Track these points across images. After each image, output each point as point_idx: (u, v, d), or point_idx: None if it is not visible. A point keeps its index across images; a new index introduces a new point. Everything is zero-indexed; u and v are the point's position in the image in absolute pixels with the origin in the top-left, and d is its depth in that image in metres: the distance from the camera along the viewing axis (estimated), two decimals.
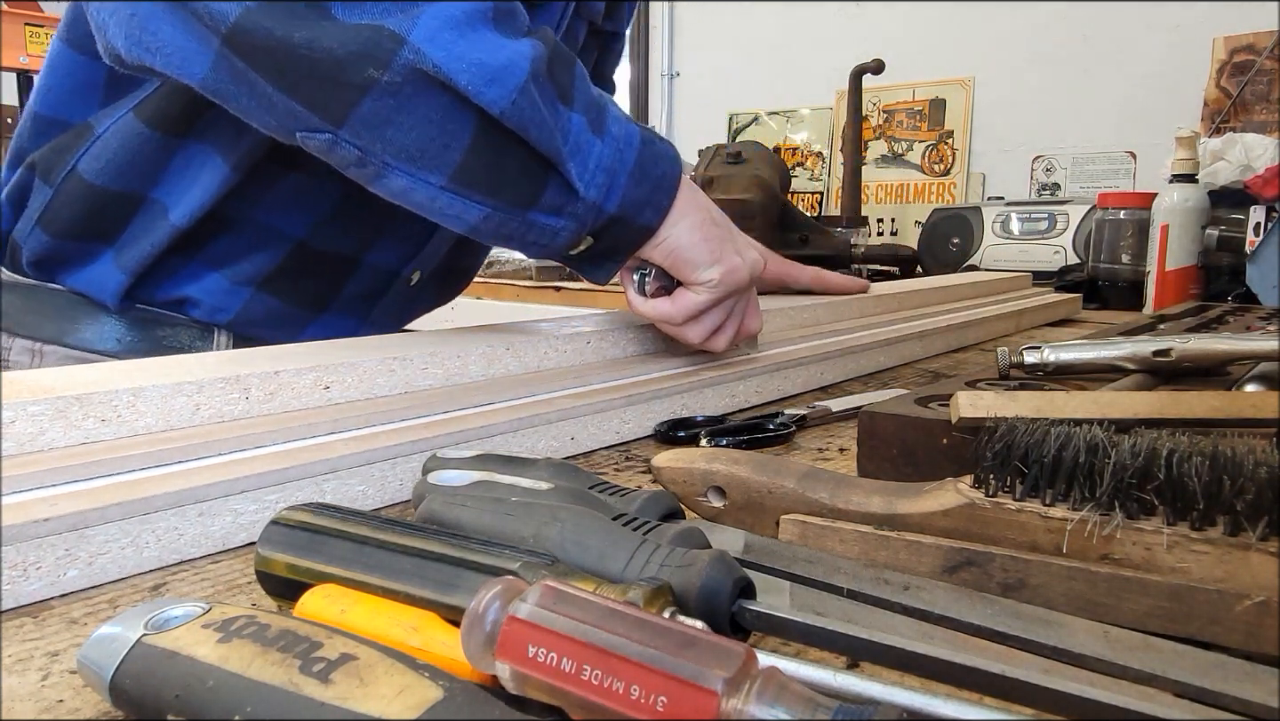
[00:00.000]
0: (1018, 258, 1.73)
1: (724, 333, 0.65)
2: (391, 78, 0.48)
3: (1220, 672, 0.25)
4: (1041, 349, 0.55)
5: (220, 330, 0.73)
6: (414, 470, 0.47)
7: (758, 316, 0.69)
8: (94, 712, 0.27)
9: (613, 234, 0.58)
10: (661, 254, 0.60)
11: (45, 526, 0.35)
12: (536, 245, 0.57)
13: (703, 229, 0.60)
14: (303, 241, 0.72)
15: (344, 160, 0.52)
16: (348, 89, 0.48)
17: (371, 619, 0.28)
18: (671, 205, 0.59)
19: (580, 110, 0.55)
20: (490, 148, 0.52)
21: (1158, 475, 0.30)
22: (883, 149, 2.32)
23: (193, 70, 0.50)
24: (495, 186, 0.53)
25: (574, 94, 0.55)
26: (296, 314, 0.75)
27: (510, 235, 0.56)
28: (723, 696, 0.21)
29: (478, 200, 0.53)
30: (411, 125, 0.50)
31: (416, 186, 0.52)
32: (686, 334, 0.63)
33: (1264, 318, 0.92)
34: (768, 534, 0.37)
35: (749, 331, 0.68)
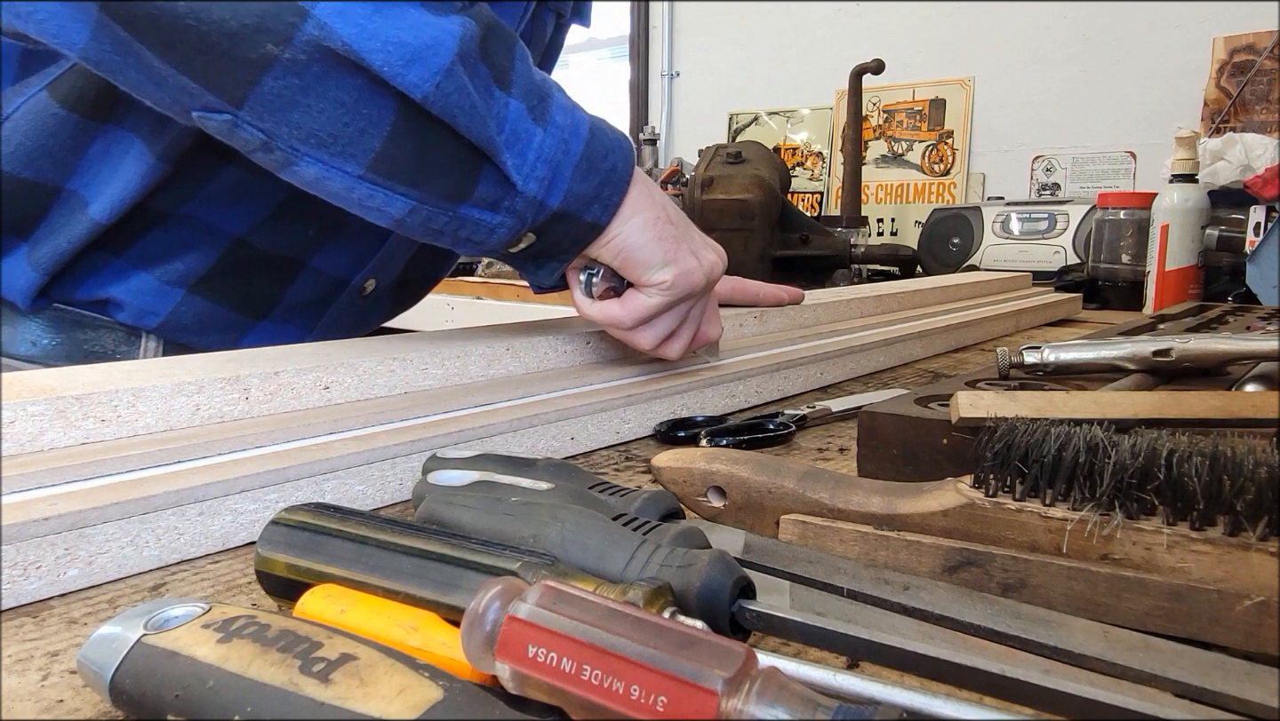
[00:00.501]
0: (1018, 258, 1.73)
1: (678, 339, 0.61)
2: (293, 55, 0.44)
3: (1220, 672, 0.25)
4: (1041, 349, 0.55)
5: (148, 335, 0.67)
6: (414, 470, 0.47)
7: (717, 322, 0.65)
8: (94, 712, 0.27)
9: (556, 231, 0.54)
10: (610, 253, 0.56)
11: (45, 526, 0.35)
12: (471, 242, 0.53)
13: (656, 227, 0.56)
14: (241, 240, 0.67)
15: (248, 144, 0.47)
16: (245, 65, 0.44)
17: (371, 619, 0.28)
18: (622, 201, 0.55)
19: (519, 96, 0.50)
20: (414, 135, 0.48)
21: (1158, 475, 0.30)
22: (883, 149, 2.32)
23: (71, 39, 0.45)
24: (420, 177, 0.49)
25: (513, 78, 0.51)
26: (234, 319, 0.70)
27: (441, 231, 0.51)
28: (723, 696, 0.21)
29: (401, 192, 0.49)
30: (321, 108, 0.46)
31: (331, 175, 0.48)
32: (637, 339, 0.59)
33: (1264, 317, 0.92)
34: (768, 534, 0.37)
35: (707, 338, 0.64)
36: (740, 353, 0.74)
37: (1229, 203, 1.39)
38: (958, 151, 2.19)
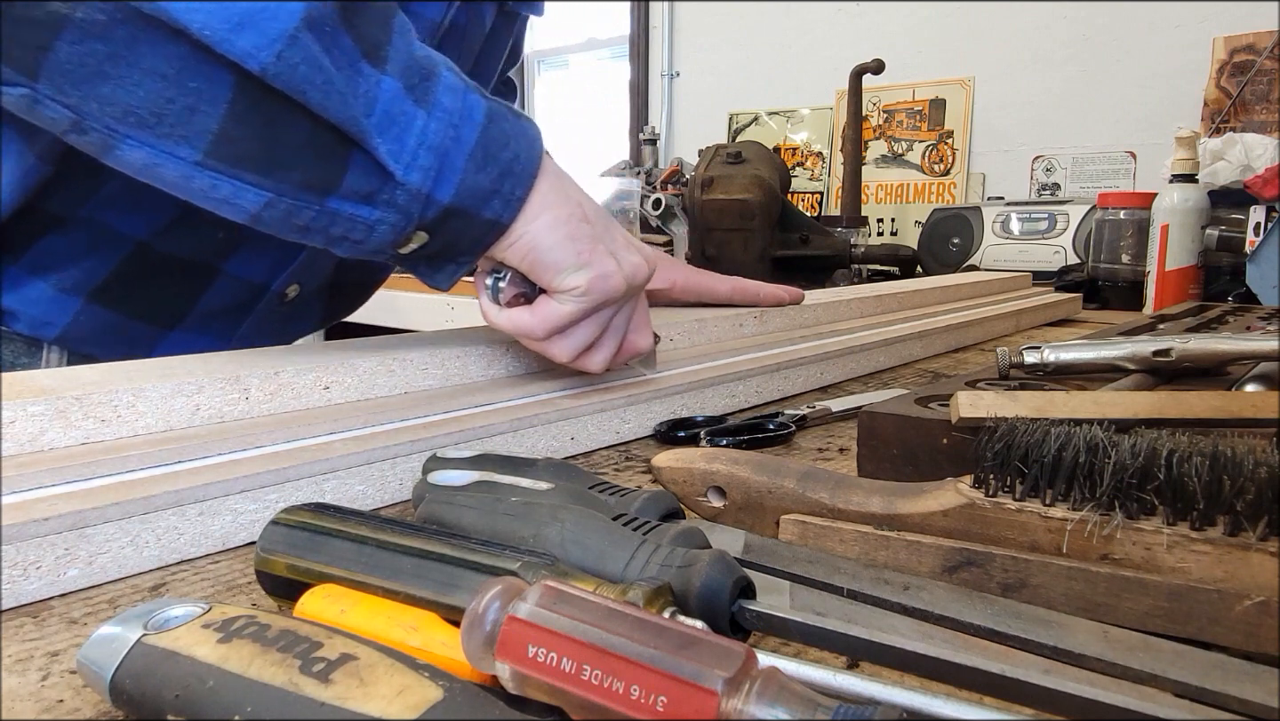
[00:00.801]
0: (1018, 258, 1.73)
1: (600, 350, 0.55)
2: (89, 15, 0.38)
3: (1220, 672, 0.25)
4: (1041, 349, 0.55)
5: (50, 346, 0.63)
6: (414, 470, 0.47)
7: (647, 331, 0.59)
8: (94, 712, 0.27)
9: (451, 229, 0.48)
10: (516, 255, 0.50)
11: (45, 526, 0.35)
12: (348, 241, 0.47)
13: (568, 225, 0.50)
14: (143, 245, 0.62)
15: (55, 124, 0.41)
16: (31, 27, 0.38)
17: (371, 619, 0.28)
18: (527, 196, 0.49)
19: (396, 74, 0.45)
20: (258, 115, 0.42)
21: (1158, 475, 0.30)
22: (883, 149, 2.32)
23: None
24: (272, 165, 0.43)
25: (388, 53, 0.45)
26: (141, 329, 0.66)
27: (310, 228, 0.46)
28: (723, 696, 0.21)
29: (251, 182, 0.43)
30: (136, 81, 0.40)
31: (162, 161, 0.42)
32: (552, 350, 0.53)
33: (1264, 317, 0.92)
34: (768, 534, 0.37)
35: (635, 349, 0.58)
36: (740, 353, 0.74)
37: (1229, 203, 1.39)
38: (958, 151, 2.19)
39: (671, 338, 0.73)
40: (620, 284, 0.52)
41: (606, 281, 0.51)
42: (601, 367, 0.56)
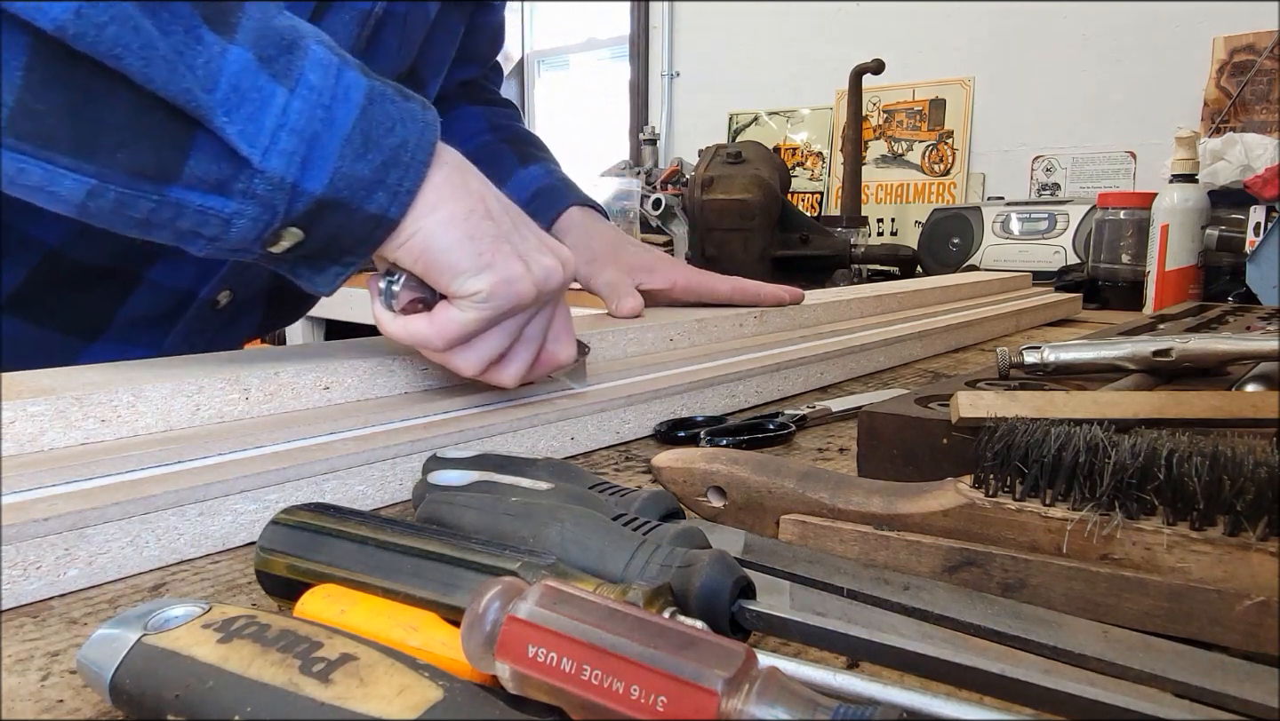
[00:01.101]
0: (1018, 258, 1.73)
1: (511, 362, 0.50)
2: None
3: (1220, 672, 0.25)
4: (1041, 349, 0.55)
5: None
6: (414, 470, 0.47)
7: (569, 340, 0.53)
8: (94, 712, 0.27)
9: (329, 225, 0.43)
10: (409, 255, 0.45)
11: (45, 526, 0.35)
12: (202, 238, 0.41)
13: (468, 223, 0.45)
14: (54, 253, 0.58)
15: None
16: None
17: (371, 619, 0.28)
18: (419, 188, 0.44)
19: (247, 44, 0.39)
20: (63, 84, 0.36)
21: (1158, 475, 0.30)
22: (883, 149, 2.32)
23: None
24: (89, 145, 0.37)
25: (239, 19, 0.39)
26: (61, 341, 0.62)
27: (151, 221, 0.40)
28: (723, 696, 0.21)
29: (66, 166, 0.37)
30: None
31: None
32: (455, 363, 0.48)
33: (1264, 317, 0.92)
34: (768, 534, 0.37)
35: (555, 361, 0.52)
36: (740, 353, 0.74)
37: (1229, 203, 1.39)
38: (958, 151, 2.19)
39: (671, 338, 0.73)
40: (529, 289, 0.46)
41: (512, 286, 0.46)
42: (515, 381, 0.50)
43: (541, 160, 0.89)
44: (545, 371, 0.53)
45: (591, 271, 0.82)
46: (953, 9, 2.17)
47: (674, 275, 0.83)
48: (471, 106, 0.92)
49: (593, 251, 0.82)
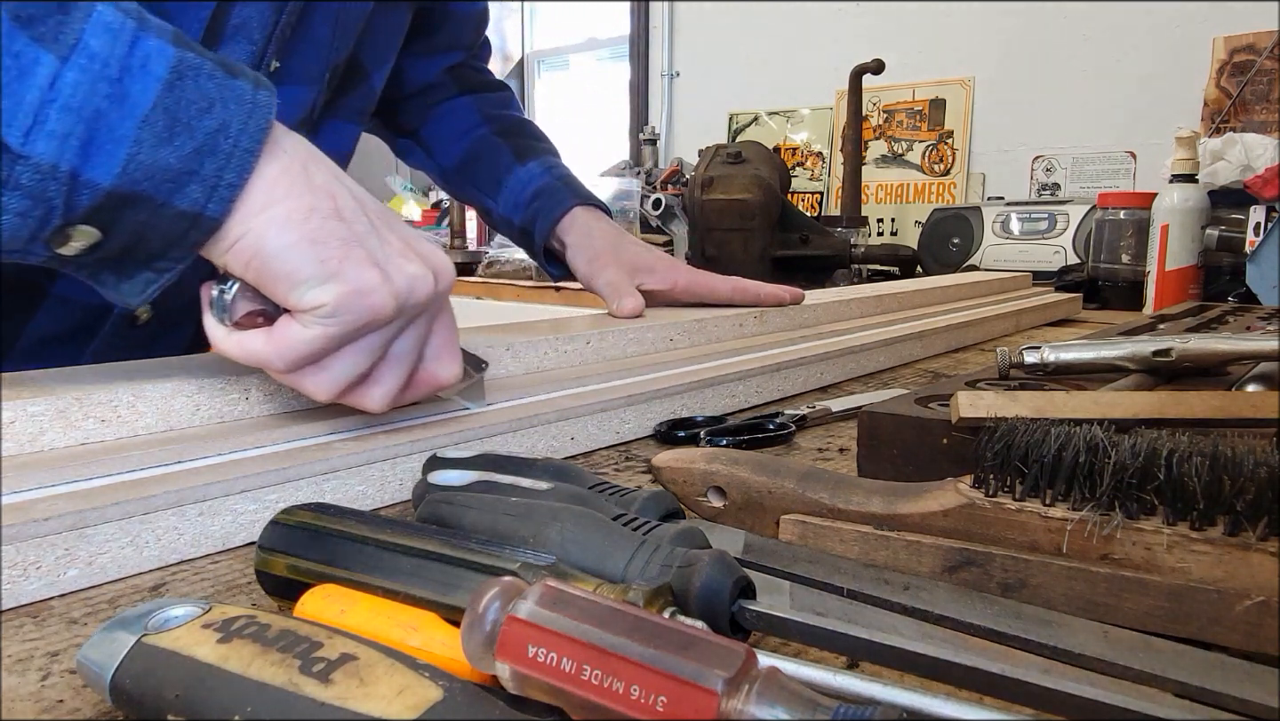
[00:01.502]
0: (1018, 258, 1.73)
1: (376, 384, 0.43)
2: None
3: (1220, 672, 0.25)
4: (1041, 349, 0.55)
5: None
6: (414, 470, 0.47)
7: (452, 357, 0.47)
8: (94, 712, 0.27)
9: (130, 224, 0.37)
10: (238, 261, 0.39)
11: (45, 526, 0.35)
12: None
13: (309, 223, 0.39)
14: None
15: None
16: None
17: (371, 619, 0.28)
18: (246, 181, 0.38)
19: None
20: None
21: (1158, 475, 0.30)
22: (883, 149, 2.32)
23: None
24: None
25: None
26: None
27: None
28: (723, 696, 0.21)
29: None
30: None
31: None
32: (304, 385, 0.41)
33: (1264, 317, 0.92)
34: (768, 534, 0.37)
35: (435, 381, 0.46)
36: (740, 353, 0.74)
37: (1229, 203, 1.39)
38: (958, 151, 2.20)
39: (671, 338, 0.73)
40: (386, 301, 0.40)
41: (364, 298, 0.39)
42: (382, 405, 0.44)
43: (539, 154, 0.88)
44: (423, 393, 0.46)
45: (592, 271, 0.82)
46: (953, 9, 2.17)
47: (674, 275, 0.84)
48: (462, 97, 0.91)
49: (594, 250, 0.82)
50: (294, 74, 0.63)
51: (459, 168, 0.90)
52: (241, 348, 0.41)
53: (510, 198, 0.86)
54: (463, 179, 0.91)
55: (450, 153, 0.90)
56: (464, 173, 0.90)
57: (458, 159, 0.90)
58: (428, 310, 0.44)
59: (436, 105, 0.90)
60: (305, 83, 0.65)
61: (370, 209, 0.43)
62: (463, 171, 0.90)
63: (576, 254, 0.84)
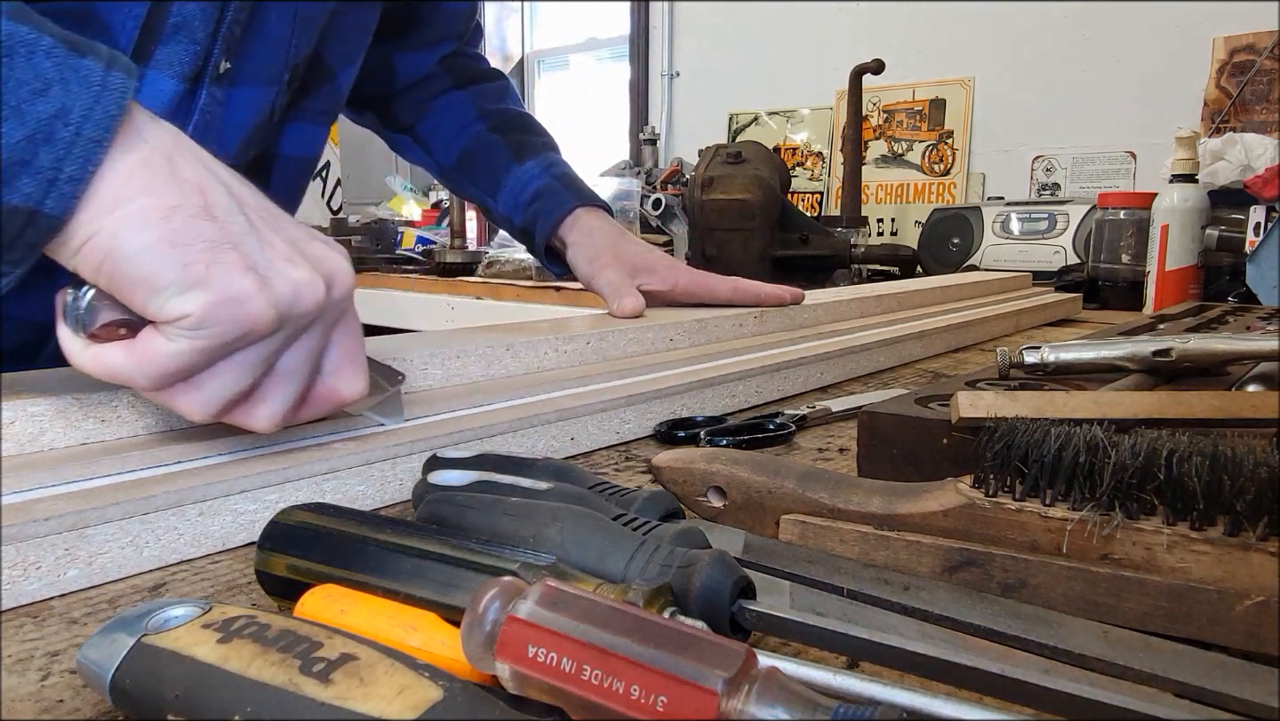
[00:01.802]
0: (1018, 258, 1.73)
1: (263, 402, 0.39)
2: None
3: (1220, 672, 0.25)
4: (1041, 349, 0.55)
5: None
6: (414, 470, 0.47)
7: (357, 371, 0.42)
8: (94, 712, 0.27)
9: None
10: (88, 264, 0.35)
11: (45, 526, 0.35)
12: None
13: (170, 223, 0.34)
14: None
15: None
16: None
17: (371, 619, 0.28)
18: (92, 173, 0.34)
19: None
20: None
21: (1158, 475, 0.30)
22: (883, 149, 2.32)
23: None
24: None
25: None
26: None
27: None
28: (723, 696, 0.21)
29: None
30: None
31: None
32: (178, 405, 0.37)
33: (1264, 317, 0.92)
34: (768, 534, 0.37)
35: (335, 398, 0.42)
36: (740, 353, 0.74)
37: (1229, 203, 1.39)
38: (958, 151, 2.19)
39: (672, 338, 0.73)
40: (263, 311, 0.35)
41: (236, 307, 0.35)
42: (271, 424, 0.39)
43: (538, 152, 0.87)
44: (323, 410, 0.42)
45: (593, 270, 0.82)
46: (953, 9, 2.17)
47: (675, 276, 0.84)
48: (458, 91, 0.89)
49: (594, 250, 0.82)
50: (249, 74, 0.61)
51: (457, 165, 0.89)
52: (99, 362, 0.36)
53: (510, 198, 0.86)
54: (461, 176, 0.90)
55: (448, 150, 0.89)
56: (462, 170, 0.89)
57: (455, 156, 0.89)
58: (321, 319, 0.39)
59: (432, 100, 0.89)
60: (262, 83, 0.62)
61: (252, 207, 0.38)
62: (461, 169, 0.89)
63: (577, 253, 0.84)
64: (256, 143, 0.66)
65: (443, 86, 0.89)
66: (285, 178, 0.72)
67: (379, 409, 0.48)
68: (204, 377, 0.37)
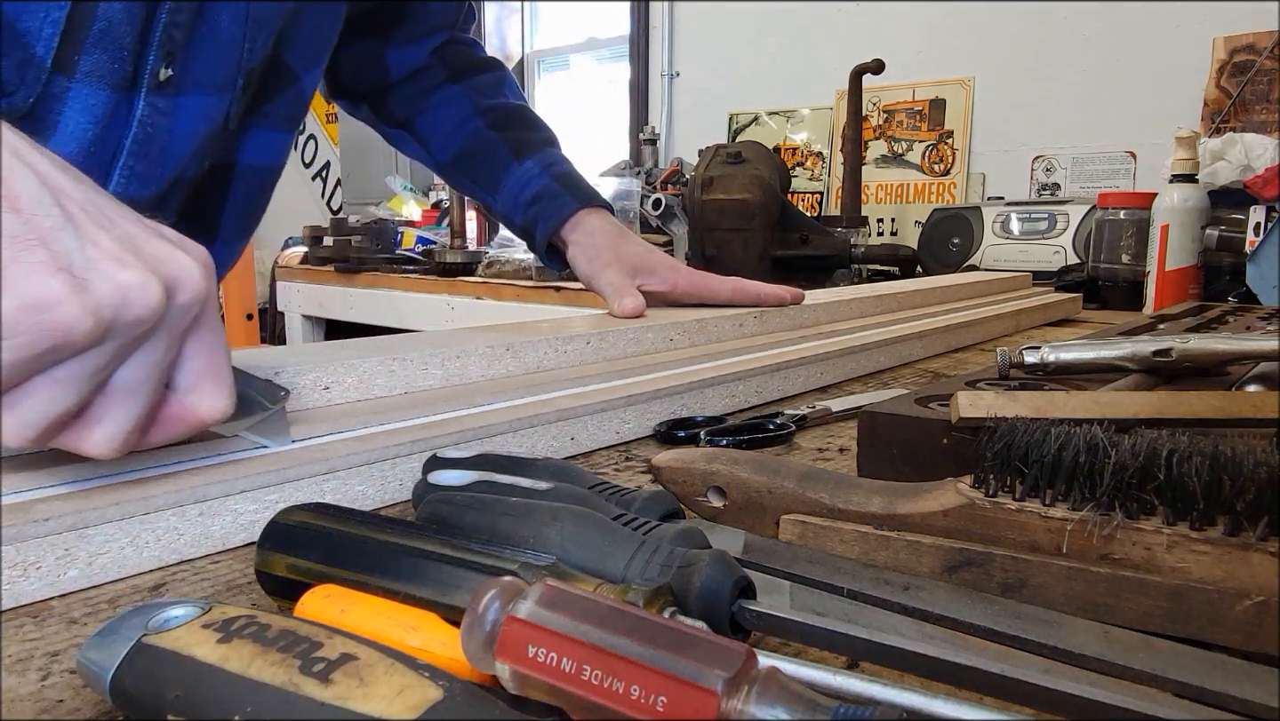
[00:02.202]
0: (1018, 258, 1.73)
1: (97, 425, 0.33)
2: None
3: (1220, 672, 0.25)
4: (1041, 349, 0.55)
5: None
6: (414, 470, 0.47)
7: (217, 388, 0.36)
8: (94, 712, 0.27)
9: None
10: None
11: (45, 526, 0.35)
12: None
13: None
14: None
15: None
16: None
17: (371, 619, 0.28)
18: None
19: None
20: None
21: (1158, 475, 0.30)
22: (883, 149, 2.32)
23: None
24: None
25: None
26: None
27: None
28: (723, 696, 0.21)
29: None
30: None
31: None
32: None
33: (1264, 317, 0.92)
34: (768, 534, 0.37)
35: (192, 418, 0.36)
36: (740, 353, 0.74)
37: (1229, 203, 1.39)
38: (958, 151, 2.19)
39: (672, 338, 0.73)
40: (78, 319, 0.31)
41: (42, 314, 0.30)
42: (110, 449, 0.34)
43: (537, 149, 0.86)
44: (178, 432, 0.37)
45: (593, 270, 0.82)
46: (953, 9, 2.17)
47: (675, 277, 0.84)
48: (454, 86, 0.88)
49: (595, 250, 0.82)
50: (196, 82, 0.58)
51: (455, 163, 0.89)
52: None
53: (509, 197, 0.86)
54: (460, 174, 0.90)
55: (445, 148, 0.88)
56: (460, 168, 0.89)
57: (453, 154, 0.88)
58: (164, 329, 0.34)
59: (427, 95, 0.88)
60: (212, 91, 0.59)
61: (74, 199, 0.33)
62: (459, 166, 0.89)
63: (578, 253, 0.84)
64: (211, 152, 0.63)
65: (437, 80, 0.88)
66: (245, 188, 0.69)
67: (260, 429, 0.43)
68: (16, 397, 0.31)
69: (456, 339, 0.61)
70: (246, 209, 0.71)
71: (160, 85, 0.56)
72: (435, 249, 2.26)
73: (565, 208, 0.83)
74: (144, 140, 0.57)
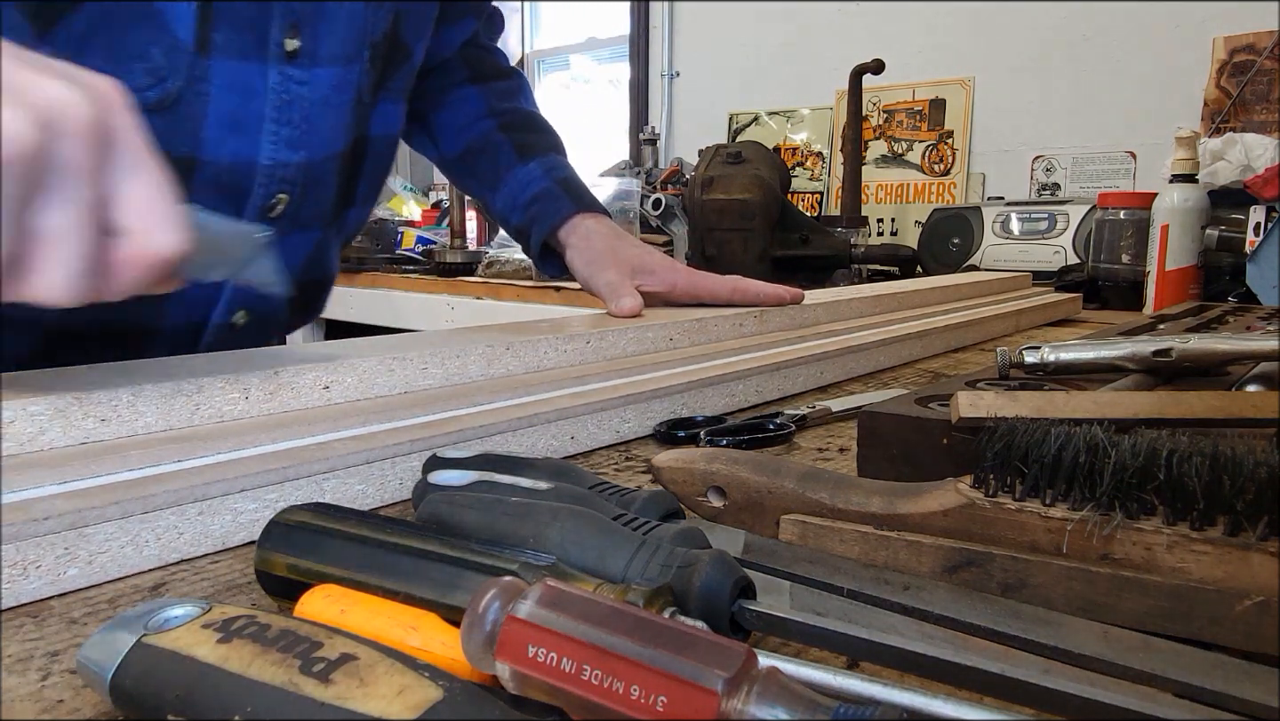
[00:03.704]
0: (1018, 258, 1.73)
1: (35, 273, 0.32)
2: None
3: (1220, 672, 0.25)
4: (1041, 349, 0.55)
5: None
6: (414, 470, 0.47)
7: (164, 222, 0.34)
8: (94, 712, 0.27)
9: None
10: None
11: (45, 525, 0.35)
12: None
13: None
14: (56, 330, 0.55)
15: None
16: None
17: (371, 619, 0.28)
18: None
19: None
20: None
21: (1158, 475, 0.30)
22: (883, 149, 2.32)
23: None
24: None
25: None
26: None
27: None
28: (723, 696, 0.21)
29: None
30: None
31: None
32: None
33: (1264, 317, 0.92)
34: (768, 534, 0.37)
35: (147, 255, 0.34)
36: (740, 353, 0.74)
37: (1229, 203, 1.39)
38: (958, 151, 2.19)
39: (671, 338, 0.73)
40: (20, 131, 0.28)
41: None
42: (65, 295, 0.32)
43: (541, 153, 0.87)
44: (139, 274, 0.34)
45: (591, 271, 0.82)
46: (953, 9, 2.17)
47: (673, 277, 0.84)
48: (472, 86, 0.90)
49: (593, 252, 0.82)
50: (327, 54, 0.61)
51: (460, 159, 0.90)
52: None
53: (509, 197, 0.86)
54: (463, 169, 0.90)
55: (454, 143, 0.90)
56: (464, 164, 0.90)
57: (460, 150, 0.89)
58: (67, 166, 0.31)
59: (447, 92, 0.90)
60: (341, 62, 0.63)
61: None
62: (463, 162, 0.90)
63: (575, 255, 0.84)
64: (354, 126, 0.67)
65: (459, 79, 0.90)
66: (376, 157, 0.74)
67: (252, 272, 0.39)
68: None
69: (456, 338, 0.61)
70: (377, 175, 0.76)
71: (290, 56, 0.59)
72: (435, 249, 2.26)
73: (563, 210, 0.83)
74: (282, 107, 0.60)
